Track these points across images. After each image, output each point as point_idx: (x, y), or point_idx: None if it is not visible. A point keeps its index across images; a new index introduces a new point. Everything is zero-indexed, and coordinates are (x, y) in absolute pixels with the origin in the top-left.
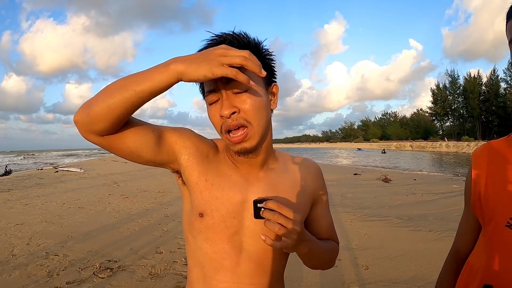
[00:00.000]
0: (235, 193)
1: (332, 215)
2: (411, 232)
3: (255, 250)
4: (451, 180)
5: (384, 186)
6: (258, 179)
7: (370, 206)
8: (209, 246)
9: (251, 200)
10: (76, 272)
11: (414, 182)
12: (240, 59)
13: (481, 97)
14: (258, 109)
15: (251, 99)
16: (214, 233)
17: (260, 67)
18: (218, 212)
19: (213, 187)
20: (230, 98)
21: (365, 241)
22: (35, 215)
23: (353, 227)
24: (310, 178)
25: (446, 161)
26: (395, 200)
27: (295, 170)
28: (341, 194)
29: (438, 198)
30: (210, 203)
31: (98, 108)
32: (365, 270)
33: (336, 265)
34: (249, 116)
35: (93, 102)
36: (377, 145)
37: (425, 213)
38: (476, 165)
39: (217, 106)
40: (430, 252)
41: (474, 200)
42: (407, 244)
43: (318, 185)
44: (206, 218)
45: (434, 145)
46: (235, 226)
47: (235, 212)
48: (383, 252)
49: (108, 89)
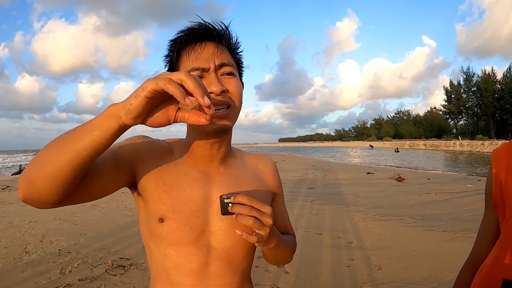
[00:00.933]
0: (197, 191)
1: (345, 214)
2: (425, 232)
3: (224, 247)
4: (465, 179)
5: (397, 185)
6: (219, 174)
7: (383, 205)
8: (174, 251)
9: (214, 196)
10: (88, 269)
11: (427, 181)
12: (181, 74)
13: (495, 95)
14: (240, 93)
15: (237, 82)
16: (179, 237)
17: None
18: (181, 214)
19: (172, 189)
20: (218, 77)
21: (378, 241)
22: (49, 213)
23: (366, 226)
24: (269, 172)
25: (460, 160)
26: (409, 200)
27: (254, 165)
28: (354, 193)
29: (452, 197)
30: (171, 206)
31: (40, 182)
32: (378, 270)
33: (349, 264)
34: (234, 97)
35: (33, 174)
36: (390, 144)
37: (439, 213)
38: (496, 163)
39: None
40: (443, 252)
41: (495, 197)
42: (421, 244)
43: (276, 180)
44: (168, 222)
45: (447, 144)
46: (201, 225)
47: (199, 211)
48: (396, 252)
49: (46, 154)
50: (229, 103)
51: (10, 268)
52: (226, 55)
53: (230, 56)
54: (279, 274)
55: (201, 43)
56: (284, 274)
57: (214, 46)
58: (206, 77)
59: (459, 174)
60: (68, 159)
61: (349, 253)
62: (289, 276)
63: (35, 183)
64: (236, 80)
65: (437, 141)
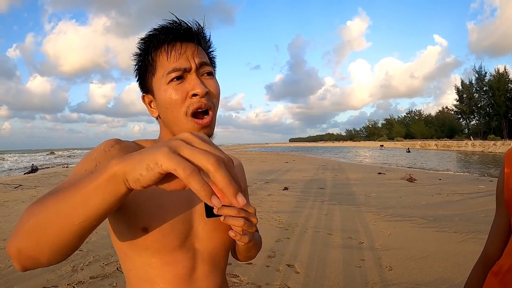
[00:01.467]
0: (179, 196)
1: (355, 215)
2: (436, 233)
3: (208, 249)
4: (477, 180)
5: (408, 185)
6: None
7: (394, 206)
8: (159, 259)
9: (197, 200)
10: (100, 267)
11: (439, 182)
12: (210, 161)
13: (508, 94)
14: (219, 94)
15: (216, 83)
16: (164, 244)
17: (229, 189)
18: (165, 221)
19: (153, 196)
20: (200, 78)
21: (389, 242)
22: None
23: (377, 227)
24: (239, 171)
25: (472, 161)
26: (420, 200)
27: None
28: (365, 194)
29: (464, 198)
30: (154, 214)
31: (45, 257)
32: (389, 271)
33: (360, 265)
34: (214, 98)
35: (35, 250)
36: (401, 144)
37: (450, 214)
38: (509, 163)
39: (183, 85)
40: (455, 254)
41: (508, 197)
42: (432, 245)
43: (244, 178)
44: (153, 232)
45: (459, 144)
46: (185, 230)
47: (183, 216)
48: (407, 253)
49: (43, 227)
50: (210, 106)
51: None
52: (205, 55)
53: (207, 56)
54: (289, 274)
55: (181, 42)
56: (294, 274)
57: (194, 46)
58: (187, 78)
59: (471, 174)
60: (75, 233)
61: (360, 253)
62: (299, 276)
63: (40, 258)
64: (215, 81)
65: (448, 141)
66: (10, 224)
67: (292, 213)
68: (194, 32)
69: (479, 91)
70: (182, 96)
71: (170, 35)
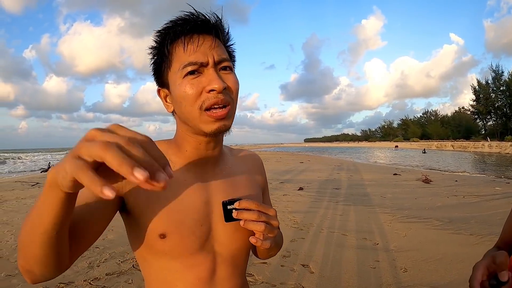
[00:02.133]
0: (196, 198)
1: (371, 216)
2: (452, 235)
3: (229, 252)
4: (494, 181)
5: (424, 187)
6: (214, 177)
7: (409, 207)
8: (180, 263)
9: (214, 201)
10: (116, 264)
11: (455, 183)
12: (97, 149)
13: None
14: (237, 90)
15: (235, 78)
16: (184, 248)
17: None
18: (184, 226)
19: (169, 201)
20: (218, 73)
21: (404, 243)
22: None
23: (392, 228)
24: (257, 170)
25: (488, 162)
26: (436, 202)
27: (244, 162)
28: (381, 194)
29: (480, 200)
30: (172, 219)
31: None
32: (404, 272)
33: (374, 266)
34: (232, 94)
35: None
36: (417, 145)
37: (466, 216)
38: None
39: (199, 79)
40: (470, 256)
41: None
42: (447, 247)
43: (264, 176)
44: (172, 237)
45: (476, 145)
46: (205, 233)
47: (202, 219)
48: (422, 254)
49: (23, 245)
50: (228, 101)
51: None
52: (223, 49)
53: (225, 50)
54: (303, 274)
55: (199, 35)
56: (309, 274)
57: (212, 39)
58: (205, 73)
59: (488, 176)
60: (44, 243)
61: (375, 254)
62: (314, 276)
63: (34, 272)
64: (234, 76)
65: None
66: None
67: (307, 213)
68: (212, 24)
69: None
70: (197, 91)
71: (187, 26)
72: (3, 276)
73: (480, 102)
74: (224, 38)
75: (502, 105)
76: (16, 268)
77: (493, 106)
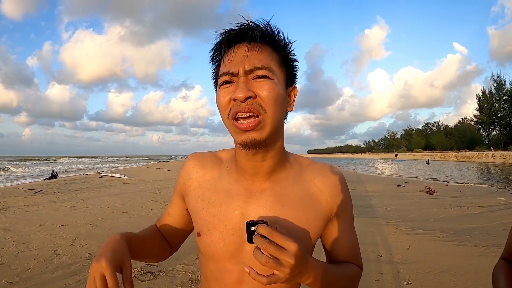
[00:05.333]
0: (234, 208)
1: (374, 227)
2: (456, 247)
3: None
4: (498, 192)
5: (428, 198)
6: (261, 191)
7: (413, 218)
8: (212, 264)
9: (251, 214)
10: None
11: (459, 194)
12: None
13: None
14: (275, 98)
15: (270, 86)
16: (214, 251)
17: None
18: (216, 230)
19: (210, 205)
20: (248, 82)
21: (408, 255)
22: (80, 217)
23: (396, 240)
24: (329, 190)
25: (492, 173)
26: (440, 213)
27: (311, 179)
28: (384, 206)
29: (484, 211)
30: (207, 222)
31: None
32: (408, 285)
33: (378, 278)
34: (265, 103)
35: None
36: (421, 156)
37: (470, 227)
38: None
39: (229, 88)
40: (475, 268)
41: None
42: (452, 259)
43: (339, 199)
44: (204, 237)
45: (480, 156)
46: (235, 243)
47: (234, 229)
48: (426, 266)
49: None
50: (256, 110)
51: (41, 269)
52: (263, 56)
53: (272, 56)
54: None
55: (234, 46)
56: None
57: (246, 48)
58: (236, 82)
59: (492, 186)
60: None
61: (378, 266)
62: None
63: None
64: (270, 84)
65: (469, 153)
66: (30, 228)
67: None
68: (247, 32)
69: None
70: (227, 100)
71: (226, 39)
72: (4, 282)
73: (484, 112)
74: (274, 44)
75: (505, 114)
76: (17, 274)
77: (496, 116)
